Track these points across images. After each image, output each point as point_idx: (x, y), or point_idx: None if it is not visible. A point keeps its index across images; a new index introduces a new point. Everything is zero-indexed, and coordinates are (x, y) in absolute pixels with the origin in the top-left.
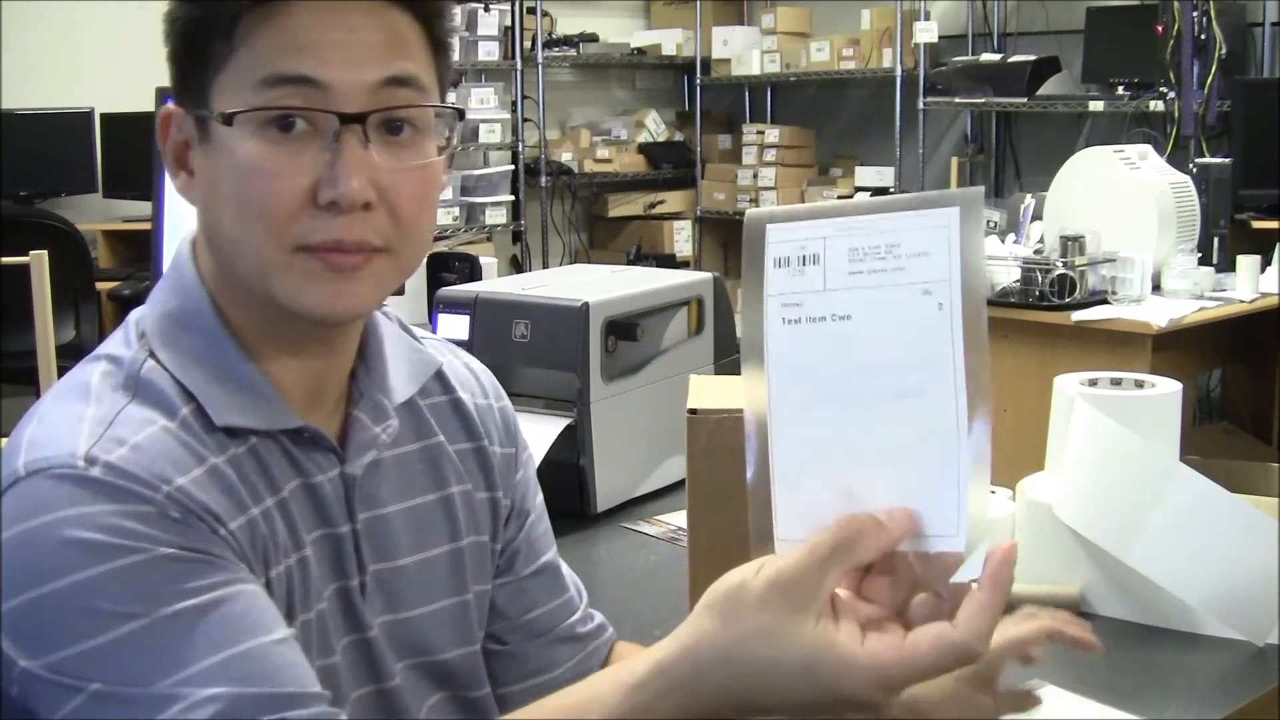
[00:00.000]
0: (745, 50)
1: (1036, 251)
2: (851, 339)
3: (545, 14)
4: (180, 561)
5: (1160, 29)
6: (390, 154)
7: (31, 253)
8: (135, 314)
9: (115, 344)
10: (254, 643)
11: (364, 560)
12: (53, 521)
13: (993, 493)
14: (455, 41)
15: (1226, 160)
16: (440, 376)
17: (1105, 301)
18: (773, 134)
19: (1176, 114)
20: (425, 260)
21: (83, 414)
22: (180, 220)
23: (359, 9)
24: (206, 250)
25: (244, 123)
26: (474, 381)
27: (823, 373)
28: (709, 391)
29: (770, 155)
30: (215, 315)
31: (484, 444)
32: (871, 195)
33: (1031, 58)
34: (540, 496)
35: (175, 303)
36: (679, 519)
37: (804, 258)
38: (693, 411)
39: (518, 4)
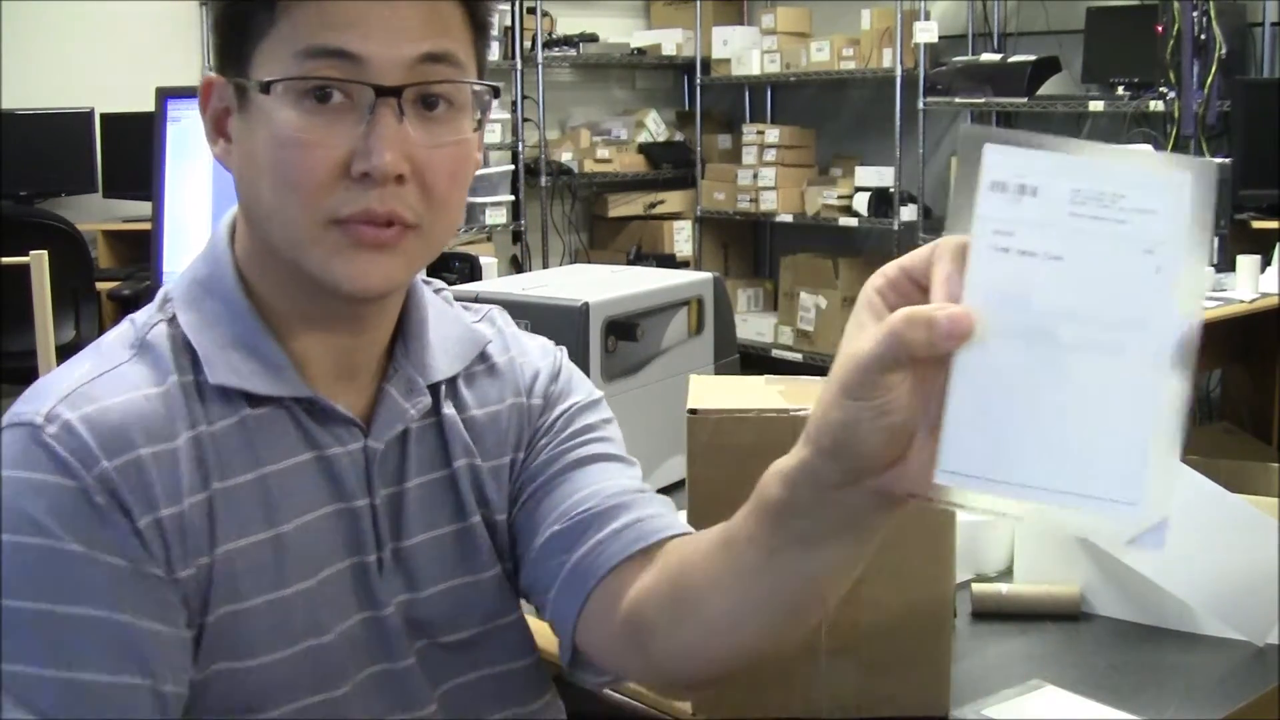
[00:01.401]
0: (745, 50)
1: None
2: (1060, 281)
3: (545, 14)
4: (76, 563)
5: (1160, 29)
6: (425, 129)
7: (31, 253)
8: (169, 282)
9: (144, 309)
10: (97, 678)
11: (382, 536)
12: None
13: None
14: (495, 21)
15: (1226, 160)
16: (484, 356)
17: None
18: (773, 134)
19: (1176, 114)
20: None
21: (79, 369)
22: (180, 220)
23: None
24: (243, 221)
25: (281, 92)
26: (536, 350)
27: (1022, 308)
28: (709, 391)
29: (770, 155)
30: (238, 283)
31: (516, 399)
32: (871, 195)
33: (1031, 58)
34: (594, 417)
35: (204, 270)
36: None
37: (1023, 186)
38: (693, 411)
39: (518, 4)
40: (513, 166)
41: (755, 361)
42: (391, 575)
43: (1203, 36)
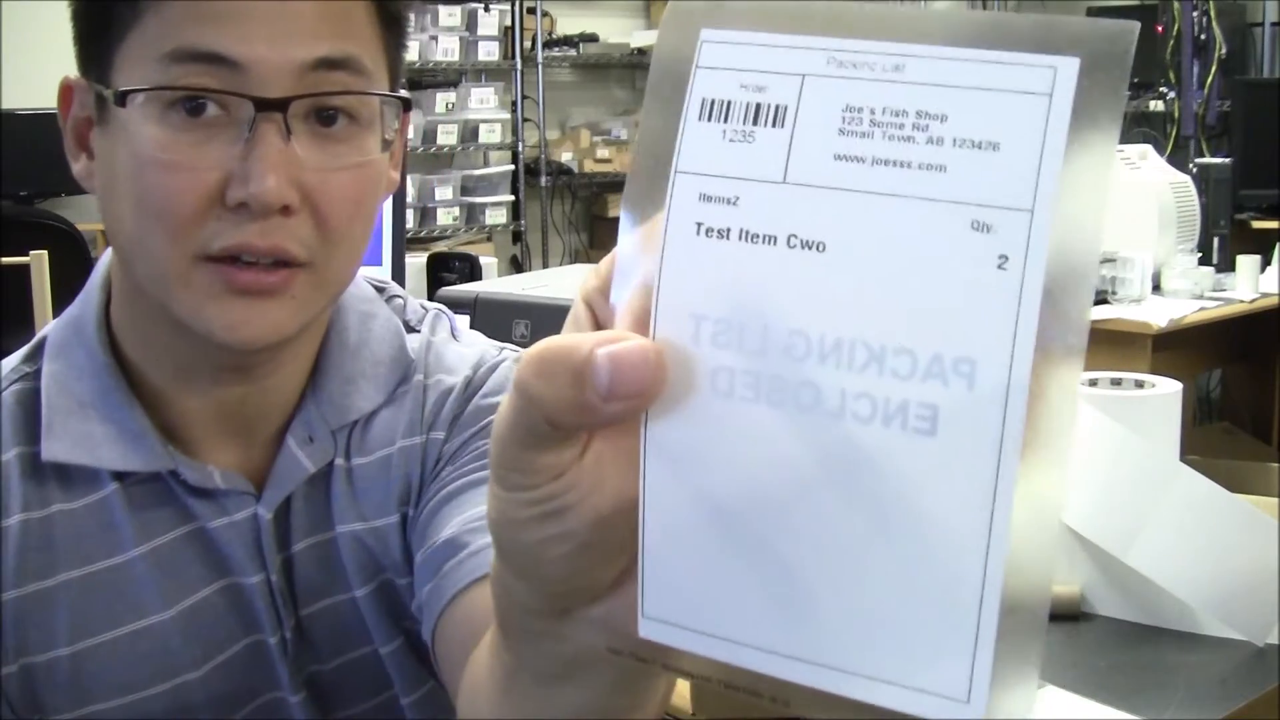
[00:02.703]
0: None
1: None
2: (818, 290)
3: (545, 14)
4: None
5: (1160, 29)
6: (319, 149)
7: (31, 253)
8: (48, 325)
9: (18, 353)
10: None
11: (282, 612)
12: None
13: None
14: (413, 19)
15: (1226, 160)
16: (409, 374)
17: (1105, 301)
18: None
19: (1176, 114)
20: (425, 260)
21: None
22: None
23: None
24: (113, 251)
25: (144, 104)
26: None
27: (753, 341)
28: None
29: None
30: (100, 328)
31: (415, 439)
32: None
33: None
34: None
35: (77, 310)
36: None
37: (758, 109)
38: None
39: (518, 4)
40: (513, 166)
41: None
42: (298, 651)
43: (1203, 36)
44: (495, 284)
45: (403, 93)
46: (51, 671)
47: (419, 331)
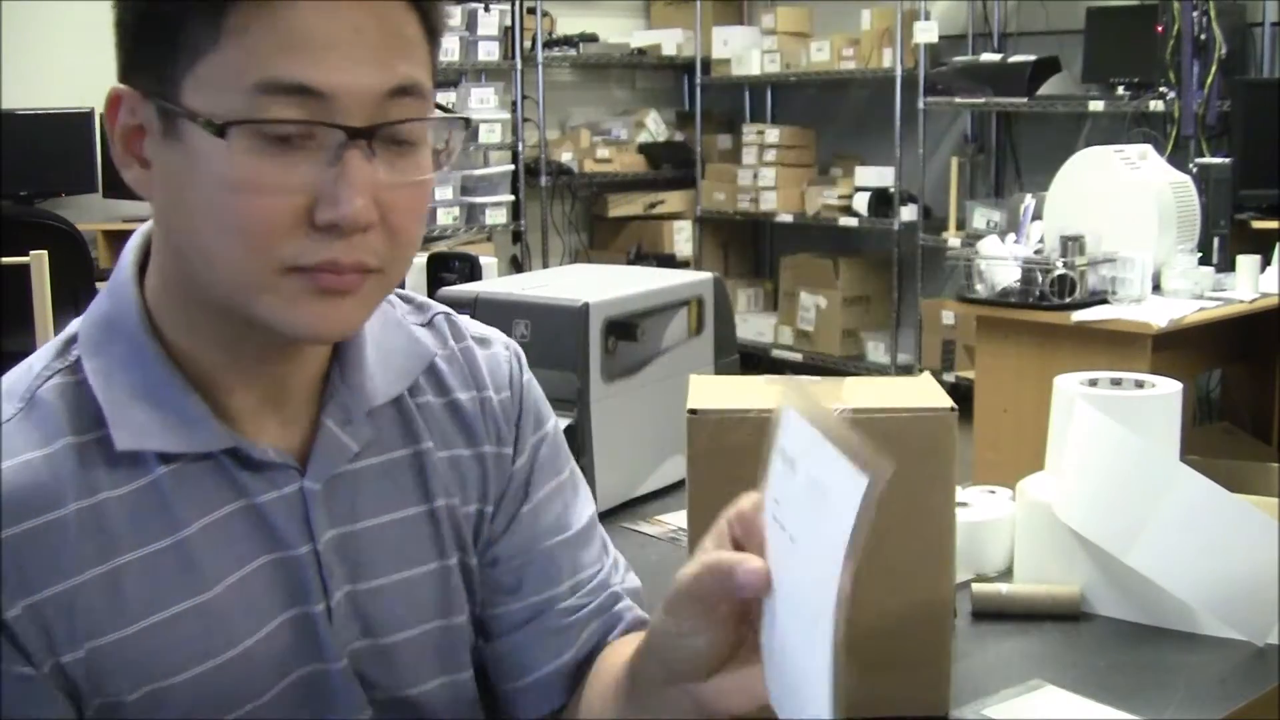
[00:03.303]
0: (745, 50)
1: (1037, 251)
2: (791, 560)
3: (545, 14)
4: None
5: (1160, 29)
6: (392, 169)
7: (31, 253)
8: (73, 322)
9: (44, 351)
10: None
11: (329, 583)
12: None
13: (992, 493)
14: (448, 22)
15: (1226, 160)
16: (434, 372)
17: (1105, 301)
18: (773, 134)
19: (1176, 114)
20: (425, 260)
21: None
22: None
23: (362, 5)
24: (164, 255)
25: (236, 131)
26: (470, 374)
27: (778, 576)
28: (709, 391)
29: (770, 155)
30: (144, 322)
31: (483, 449)
32: (871, 195)
33: (1031, 58)
34: (554, 481)
35: (109, 307)
36: (679, 519)
37: (793, 461)
38: (693, 411)
39: (518, 4)
40: (513, 166)
41: (755, 361)
42: (346, 623)
43: (1203, 36)
44: (495, 284)
45: (465, 114)
46: (118, 652)
47: (423, 321)
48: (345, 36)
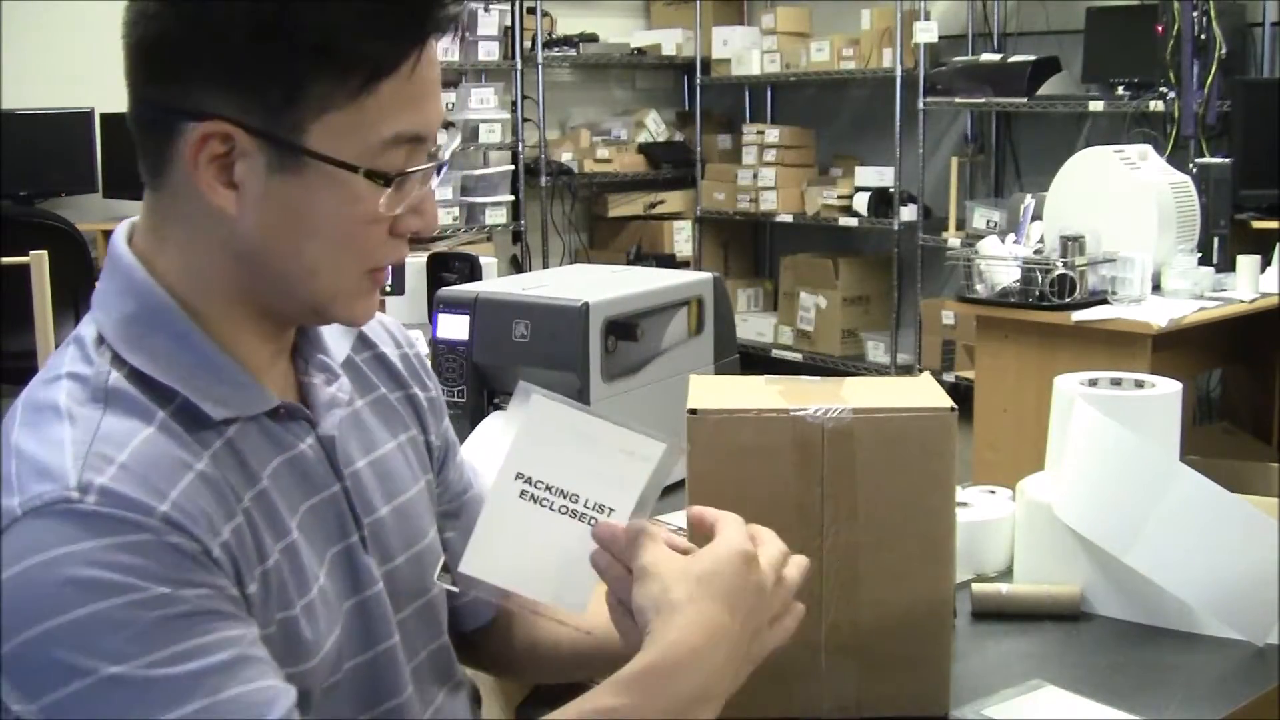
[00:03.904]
0: (745, 50)
1: (1036, 251)
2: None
3: (545, 14)
4: (175, 607)
5: (1160, 29)
6: None
7: (31, 253)
8: (84, 328)
9: (71, 360)
10: (243, 690)
11: (359, 514)
12: (51, 560)
13: (992, 493)
14: None
15: (1226, 160)
16: (360, 335)
17: (1105, 301)
18: (773, 134)
19: (1176, 114)
20: (425, 260)
21: (62, 437)
22: None
23: (434, 52)
24: (205, 253)
25: (367, 173)
26: (385, 333)
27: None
28: (709, 391)
29: (770, 155)
30: (182, 311)
31: (412, 390)
32: (871, 195)
33: (1031, 58)
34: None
35: (133, 306)
36: (679, 519)
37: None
38: (693, 411)
39: (518, 4)
40: (513, 166)
41: (755, 361)
42: (374, 550)
43: (1203, 36)
44: (495, 284)
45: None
46: (264, 580)
47: None
48: (436, 84)
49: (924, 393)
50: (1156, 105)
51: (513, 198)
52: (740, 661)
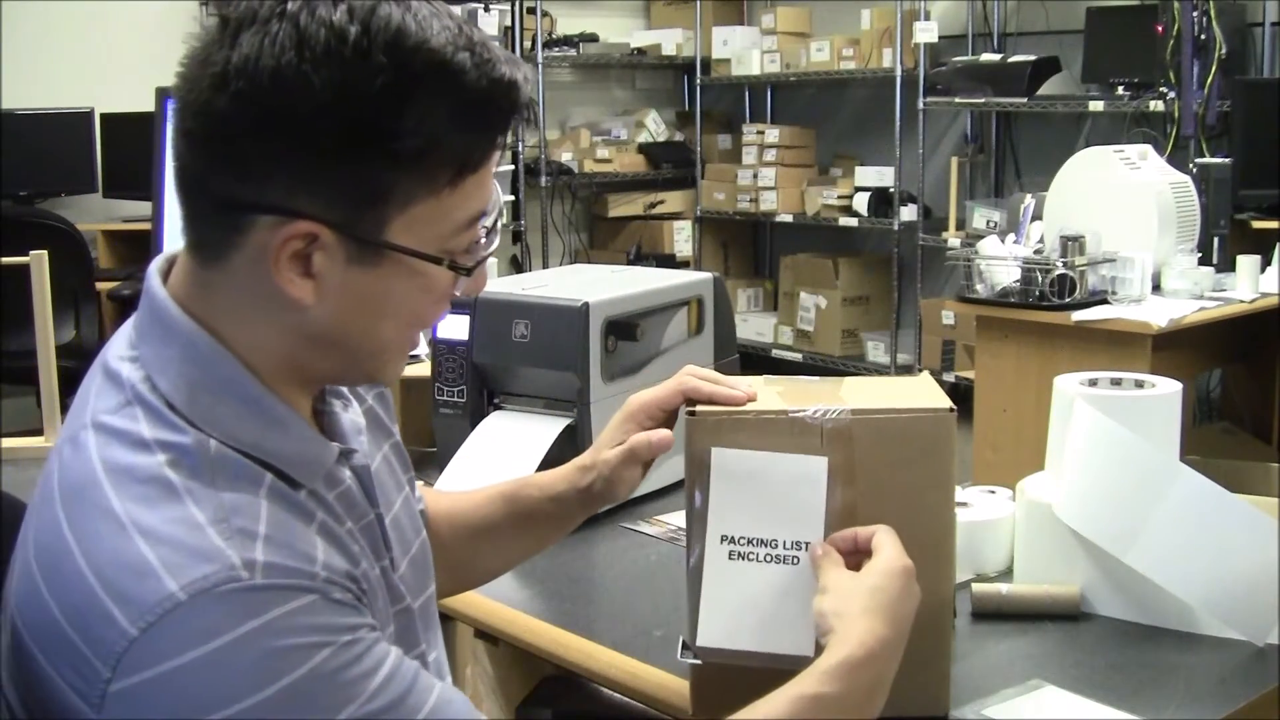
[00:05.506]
0: (745, 50)
1: (1036, 251)
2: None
3: (545, 14)
4: (359, 647)
5: (1160, 29)
6: None
7: (31, 253)
8: (138, 384)
9: (151, 426)
10: (441, 698)
11: (389, 540)
12: (242, 637)
13: (992, 493)
14: None
15: (1226, 160)
16: None
17: (1105, 301)
18: (773, 134)
19: (1176, 114)
20: None
21: (194, 517)
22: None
23: None
24: (276, 335)
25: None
26: None
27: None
28: None
29: (770, 155)
30: (254, 378)
31: (368, 404)
32: (871, 195)
33: (1031, 58)
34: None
35: (198, 373)
36: (679, 519)
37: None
38: (692, 412)
39: (518, 4)
40: (513, 166)
41: (755, 361)
42: (399, 559)
43: (1203, 36)
44: (495, 284)
45: None
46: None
47: None
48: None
49: (924, 393)
50: (1156, 105)
51: (513, 198)
52: (898, 660)
